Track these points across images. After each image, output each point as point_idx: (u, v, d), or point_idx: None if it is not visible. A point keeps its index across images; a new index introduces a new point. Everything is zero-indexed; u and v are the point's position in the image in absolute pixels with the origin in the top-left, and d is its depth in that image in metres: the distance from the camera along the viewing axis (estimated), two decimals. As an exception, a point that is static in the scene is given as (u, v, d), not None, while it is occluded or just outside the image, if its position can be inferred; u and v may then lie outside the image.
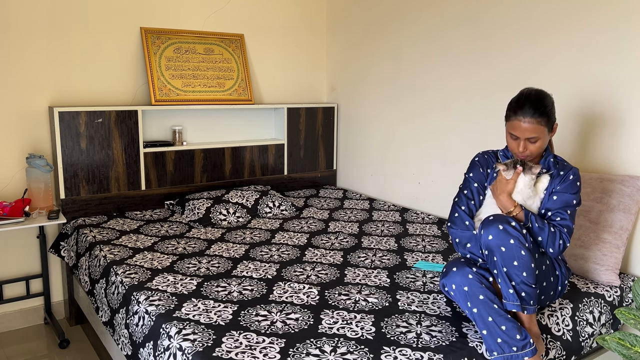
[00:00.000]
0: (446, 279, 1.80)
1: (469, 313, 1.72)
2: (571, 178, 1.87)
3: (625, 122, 2.25)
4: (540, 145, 1.83)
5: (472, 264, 1.82)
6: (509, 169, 1.84)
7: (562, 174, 1.89)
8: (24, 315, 3.01)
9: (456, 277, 1.75)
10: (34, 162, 2.69)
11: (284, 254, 2.46)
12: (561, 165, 1.92)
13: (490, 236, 1.71)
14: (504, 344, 1.63)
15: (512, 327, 1.64)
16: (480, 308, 1.68)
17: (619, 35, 2.23)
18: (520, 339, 1.63)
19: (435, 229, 2.88)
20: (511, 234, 1.69)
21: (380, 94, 3.51)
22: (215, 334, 1.69)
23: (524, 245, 1.69)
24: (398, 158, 3.42)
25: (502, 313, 1.67)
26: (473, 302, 1.70)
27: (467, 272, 1.74)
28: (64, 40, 2.94)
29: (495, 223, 1.71)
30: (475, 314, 1.69)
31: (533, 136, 1.80)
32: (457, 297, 1.76)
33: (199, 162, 3.32)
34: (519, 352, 1.63)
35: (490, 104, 2.78)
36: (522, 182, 1.84)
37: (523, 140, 1.82)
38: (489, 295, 1.69)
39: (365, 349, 1.62)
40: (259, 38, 3.63)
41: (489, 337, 1.65)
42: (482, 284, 1.72)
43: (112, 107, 2.96)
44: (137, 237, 2.65)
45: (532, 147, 1.83)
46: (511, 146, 1.87)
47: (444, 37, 3.01)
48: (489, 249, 1.72)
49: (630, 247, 2.28)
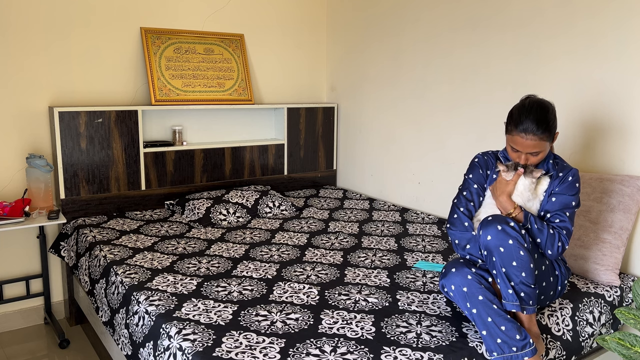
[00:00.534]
0: (445, 279, 1.80)
1: (468, 314, 1.72)
2: (570, 179, 1.87)
3: (625, 122, 2.25)
4: (542, 156, 1.83)
5: (471, 264, 1.82)
6: (510, 170, 1.84)
7: (561, 176, 1.89)
8: (24, 315, 3.01)
9: (455, 278, 1.76)
10: (34, 162, 2.69)
11: (284, 254, 2.46)
12: (560, 167, 1.91)
13: (489, 236, 1.71)
14: (504, 344, 1.63)
15: (511, 328, 1.64)
16: (480, 309, 1.68)
17: (619, 37, 2.23)
18: (520, 339, 1.63)
19: (435, 229, 2.88)
20: (510, 234, 1.69)
21: (380, 94, 3.51)
22: (215, 334, 1.69)
23: (523, 246, 1.69)
24: (398, 158, 3.42)
25: (502, 313, 1.67)
26: (472, 303, 1.70)
27: (466, 273, 1.74)
28: (64, 40, 2.94)
29: (494, 223, 1.71)
30: (475, 315, 1.69)
31: (535, 151, 1.80)
32: (457, 298, 1.76)
33: (199, 162, 3.32)
34: (518, 352, 1.63)
35: (490, 104, 2.78)
36: (522, 185, 1.84)
37: (525, 154, 1.82)
38: (488, 296, 1.69)
39: (365, 349, 1.62)
40: (259, 38, 3.63)
41: (489, 337, 1.65)
42: (481, 285, 1.72)
43: (112, 107, 2.96)
44: (137, 237, 2.65)
45: (533, 159, 1.83)
46: (512, 156, 1.87)
47: (444, 38, 3.01)
48: (488, 249, 1.72)
49: (630, 247, 2.28)
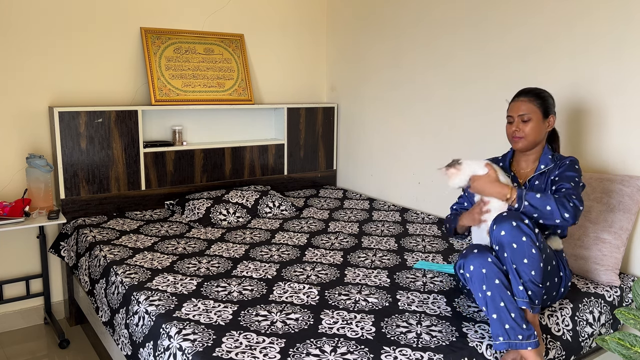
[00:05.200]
0: (465, 260, 1.77)
1: (482, 296, 1.71)
2: (568, 162, 1.94)
3: (625, 122, 2.25)
4: (533, 127, 1.93)
5: (492, 250, 1.81)
6: (448, 167, 1.88)
7: (558, 163, 1.96)
8: (24, 315, 3.01)
9: (476, 259, 1.73)
10: (34, 162, 2.69)
11: (284, 254, 2.46)
12: (559, 160, 1.98)
13: (502, 232, 1.71)
14: (511, 330, 1.64)
15: (520, 317, 1.66)
16: (495, 292, 1.68)
17: (619, 37, 2.23)
18: (526, 328, 1.65)
19: (435, 229, 2.88)
20: (524, 231, 1.70)
21: (380, 94, 3.51)
22: (215, 334, 1.69)
23: (535, 244, 1.70)
24: (398, 158, 3.42)
25: (514, 302, 1.68)
26: (489, 285, 1.69)
27: (487, 256, 1.73)
28: (64, 40, 2.94)
29: (508, 219, 1.72)
30: (489, 297, 1.69)
31: (525, 113, 1.93)
32: (473, 279, 1.73)
33: (199, 162, 3.32)
34: (523, 341, 1.64)
35: (490, 104, 2.78)
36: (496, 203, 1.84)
37: (516, 118, 1.96)
38: (504, 282, 1.70)
39: (366, 349, 1.62)
40: (259, 38, 3.63)
41: (498, 321, 1.66)
42: (500, 270, 1.72)
43: (112, 107, 2.96)
44: (137, 237, 2.65)
45: (525, 128, 1.93)
46: (508, 131, 1.99)
47: (445, 38, 3.01)
48: (500, 244, 1.72)
49: (630, 247, 2.28)
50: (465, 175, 1.86)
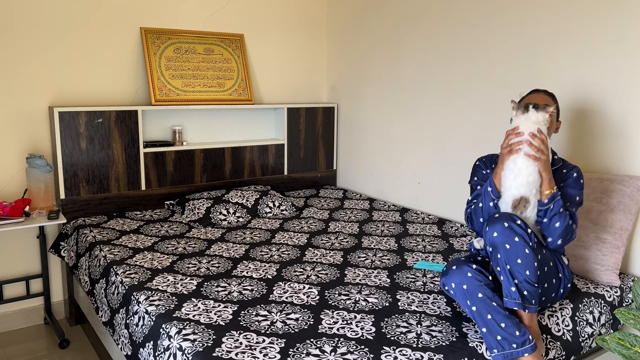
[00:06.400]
0: (446, 278, 1.81)
1: (468, 311, 1.73)
2: (575, 175, 1.93)
3: (625, 123, 2.25)
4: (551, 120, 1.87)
5: (472, 261, 1.82)
6: (519, 110, 1.83)
7: (564, 172, 1.94)
8: (24, 315, 3.01)
9: (455, 276, 1.76)
10: (34, 162, 2.69)
11: (284, 254, 2.46)
12: (563, 164, 1.97)
13: (495, 233, 1.72)
14: (504, 341, 1.63)
15: (511, 325, 1.65)
16: (480, 306, 1.69)
17: (619, 39, 2.23)
18: (519, 335, 1.64)
19: (435, 229, 2.88)
20: (516, 231, 1.70)
21: (380, 94, 3.51)
22: (215, 334, 1.69)
23: (528, 244, 1.70)
24: (398, 158, 3.42)
25: (501, 311, 1.67)
26: (472, 301, 1.70)
27: (466, 271, 1.75)
28: (64, 40, 2.94)
29: (500, 220, 1.72)
30: (475, 312, 1.69)
31: (546, 104, 1.87)
32: (457, 296, 1.77)
33: (199, 162, 3.32)
34: (518, 349, 1.63)
35: (490, 104, 2.78)
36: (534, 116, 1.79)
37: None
38: (487, 293, 1.70)
39: (366, 349, 1.62)
40: (259, 38, 3.63)
41: (489, 335, 1.65)
42: (481, 282, 1.72)
43: (112, 107, 2.96)
44: (137, 237, 2.65)
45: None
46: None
47: (445, 39, 3.01)
48: (494, 245, 1.73)
49: (630, 247, 2.28)
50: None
